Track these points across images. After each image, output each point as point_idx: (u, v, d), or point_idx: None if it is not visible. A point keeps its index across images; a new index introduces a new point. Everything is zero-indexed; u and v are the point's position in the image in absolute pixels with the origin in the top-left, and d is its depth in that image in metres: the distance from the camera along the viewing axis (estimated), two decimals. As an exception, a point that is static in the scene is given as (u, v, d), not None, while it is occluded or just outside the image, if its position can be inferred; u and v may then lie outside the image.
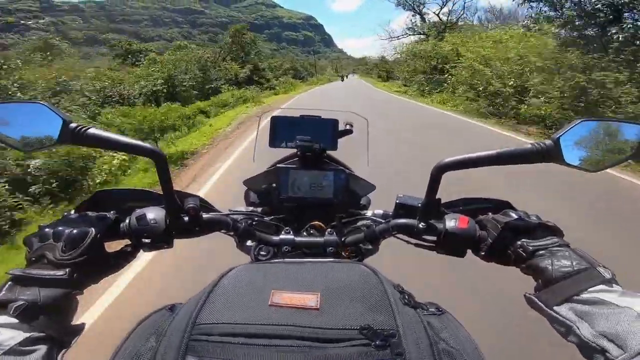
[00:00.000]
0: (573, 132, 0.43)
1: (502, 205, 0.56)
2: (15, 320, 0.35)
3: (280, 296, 0.34)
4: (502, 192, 0.61)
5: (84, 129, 0.46)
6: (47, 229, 0.43)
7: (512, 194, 2.20)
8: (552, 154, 0.44)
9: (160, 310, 0.38)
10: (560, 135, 0.43)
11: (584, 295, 0.37)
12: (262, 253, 0.62)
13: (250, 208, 0.75)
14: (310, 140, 0.72)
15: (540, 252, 0.44)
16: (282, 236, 0.63)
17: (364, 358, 0.29)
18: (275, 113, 0.76)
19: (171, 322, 0.34)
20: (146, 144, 0.49)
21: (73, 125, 0.46)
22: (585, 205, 3.38)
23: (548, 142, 0.45)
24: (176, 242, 0.54)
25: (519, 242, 0.46)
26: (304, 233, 0.67)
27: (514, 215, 0.50)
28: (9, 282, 0.38)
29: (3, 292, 0.37)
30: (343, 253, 0.63)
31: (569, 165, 0.44)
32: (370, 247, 0.65)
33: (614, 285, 0.38)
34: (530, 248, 0.45)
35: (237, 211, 0.69)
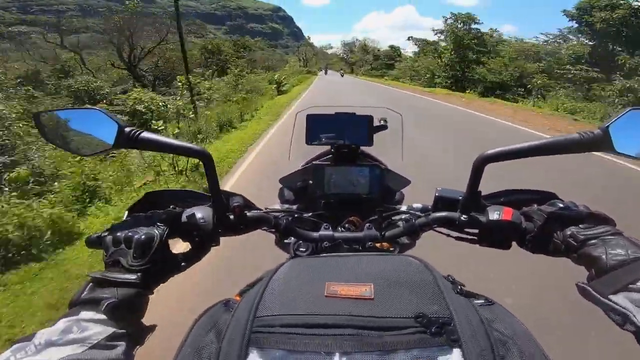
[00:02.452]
0: (623, 121, 0.44)
1: (547, 196, 0.57)
2: (103, 317, 0.38)
3: (335, 287, 0.36)
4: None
5: (138, 132, 0.49)
6: (119, 233, 0.46)
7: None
8: (602, 143, 0.45)
9: (216, 306, 0.40)
10: (610, 124, 0.44)
11: None
12: (301, 249, 0.64)
13: (286, 205, 0.76)
14: (346, 136, 0.74)
15: (592, 240, 0.44)
16: (321, 232, 0.64)
17: (420, 345, 0.31)
18: (310, 111, 0.78)
19: (232, 316, 0.35)
20: (195, 146, 0.52)
21: (128, 129, 0.49)
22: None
23: (597, 131, 0.45)
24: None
25: (568, 232, 0.47)
26: (342, 228, 0.68)
27: (561, 205, 0.50)
28: (90, 284, 0.42)
29: (86, 292, 0.41)
30: (380, 247, 0.64)
31: (620, 154, 0.45)
32: (407, 241, 0.66)
33: None
34: (582, 237, 0.45)
35: (279, 209, 0.69)
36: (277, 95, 16.74)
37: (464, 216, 0.55)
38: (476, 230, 0.55)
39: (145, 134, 0.50)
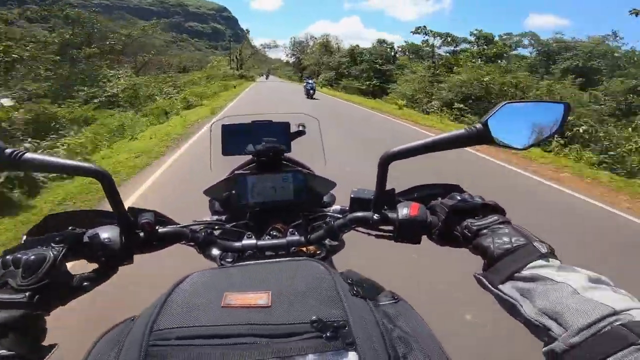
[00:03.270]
0: (499, 115, 0.46)
1: (451, 189, 0.59)
2: None
3: (232, 297, 0.36)
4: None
5: (20, 154, 0.47)
6: (7, 256, 0.44)
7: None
8: (482, 136, 0.47)
9: (124, 322, 0.39)
10: (488, 118, 0.46)
11: (524, 272, 0.38)
12: (227, 260, 0.64)
13: (215, 217, 0.75)
14: (264, 144, 0.74)
15: (483, 231, 0.46)
16: (244, 242, 0.65)
17: (316, 350, 0.31)
18: (225, 121, 0.77)
19: (129, 332, 0.35)
20: (90, 165, 0.50)
21: (9, 151, 0.47)
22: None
23: (478, 125, 0.47)
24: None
25: (464, 223, 0.48)
26: (267, 236, 0.68)
27: (459, 198, 0.53)
28: None
29: None
30: (306, 252, 0.65)
31: (498, 145, 0.47)
32: (335, 243, 0.68)
33: (550, 259, 0.39)
34: (474, 228, 0.47)
35: (200, 222, 0.68)
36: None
37: (376, 215, 0.56)
38: (391, 227, 0.56)
39: (29, 155, 0.47)
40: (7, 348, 0.37)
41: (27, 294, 0.41)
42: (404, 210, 0.54)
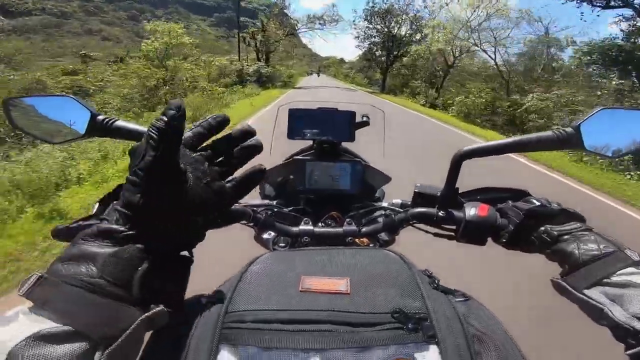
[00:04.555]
0: (593, 120, 0.46)
1: (521, 194, 0.59)
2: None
3: (310, 281, 0.35)
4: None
5: (111, 121, 0.49)
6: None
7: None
8: (572, 141, 0.47)
9: (193, 298, 0.38)
10: (581, 123, 0.46)
11: (614, 278, 0.39)
12: (280, 244, 0.65)
13: (266, 201, 0.77)
14: (328, 132, 0.76)
15: (565, 236, 0.46)
16: (301, 227, 0.65)
17: (397, 341, 0.31)
18: (292, 106, 0.78)
19: (202, 311, 0.34)
20: None
21: (101, 117, 0.49)
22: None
23: (569, 129, 0.48)
24: None
25: (542, 228, 0.49)
26: (322, 224, 0.69)
27: (536, 202, 0.52)
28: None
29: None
30: (360, 243, 0.65)
31: (589, 151, 0.47)
32: (387, 238, 0.67)
33: None
34: (555, 233, 0.47)
35: (255, 204, 0.70)
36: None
37: (441, 212, 0.56)
38: (453, 227, 0.57)
39: (120, 122, 0.49)
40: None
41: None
42: (471, 211, 0.54)
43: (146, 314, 0.29)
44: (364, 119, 0.83)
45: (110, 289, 0.29)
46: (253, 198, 0.78)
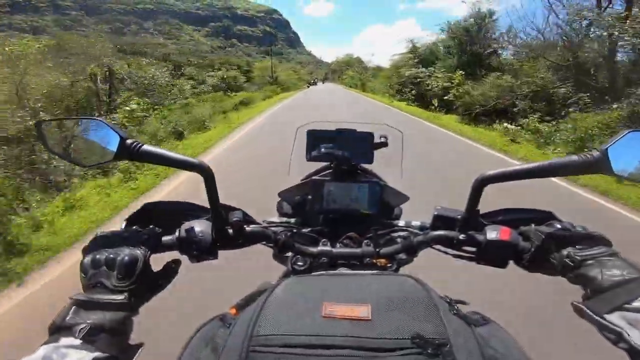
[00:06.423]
0: (621, 143, 0.46)
1: (544, 216, 0.59)
2: (79, 342, 0.38)
3: (332, 308, 0.37)
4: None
5: (139, 145, 0.51)
6: (98, 256, 0.46)
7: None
8: (600, 165, 0.46)
9: (212, 321, 0.42)
10: (609, 147, 0.46)
11: (635, 303, 0.39)
12: (299, 263, 0.67)
13: (284, 219, 0.79)
14: (347, 153, 0.77)
15: (589, 261, 0.46)
16: (320, 248, 0.66)
17: None
18: (310, 127, 0.80)
19: (230, 333, 0.37)
20: (195, 160, 0.53)
21: (129, 141, 0.51)
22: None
23: (596, 153, 0.47)
24: None
25: (565, 252, 0.49)
26: (340, 244, 0.69)
27: (559, 226, 0.52)
28: (74, 307, 0.42)
29: (70, 316, 0.41)
30: (377, 263, 0.66)
31: (618, 176, 0.47)
32: (404, 257, 0.68)
33: None
34: (578, 257, 0.47)
35: (273, 223, 0.73)
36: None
37: (462, 235, 0.57)
38: (473, 249, 0.57)
39: (147, 147, 0.51)
40: (102, 350, 0.39)
41: (125, 294, 0.43)
42: (492, 234, 0.55)
43: None
44: (382, 139, 0.84)
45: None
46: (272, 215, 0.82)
